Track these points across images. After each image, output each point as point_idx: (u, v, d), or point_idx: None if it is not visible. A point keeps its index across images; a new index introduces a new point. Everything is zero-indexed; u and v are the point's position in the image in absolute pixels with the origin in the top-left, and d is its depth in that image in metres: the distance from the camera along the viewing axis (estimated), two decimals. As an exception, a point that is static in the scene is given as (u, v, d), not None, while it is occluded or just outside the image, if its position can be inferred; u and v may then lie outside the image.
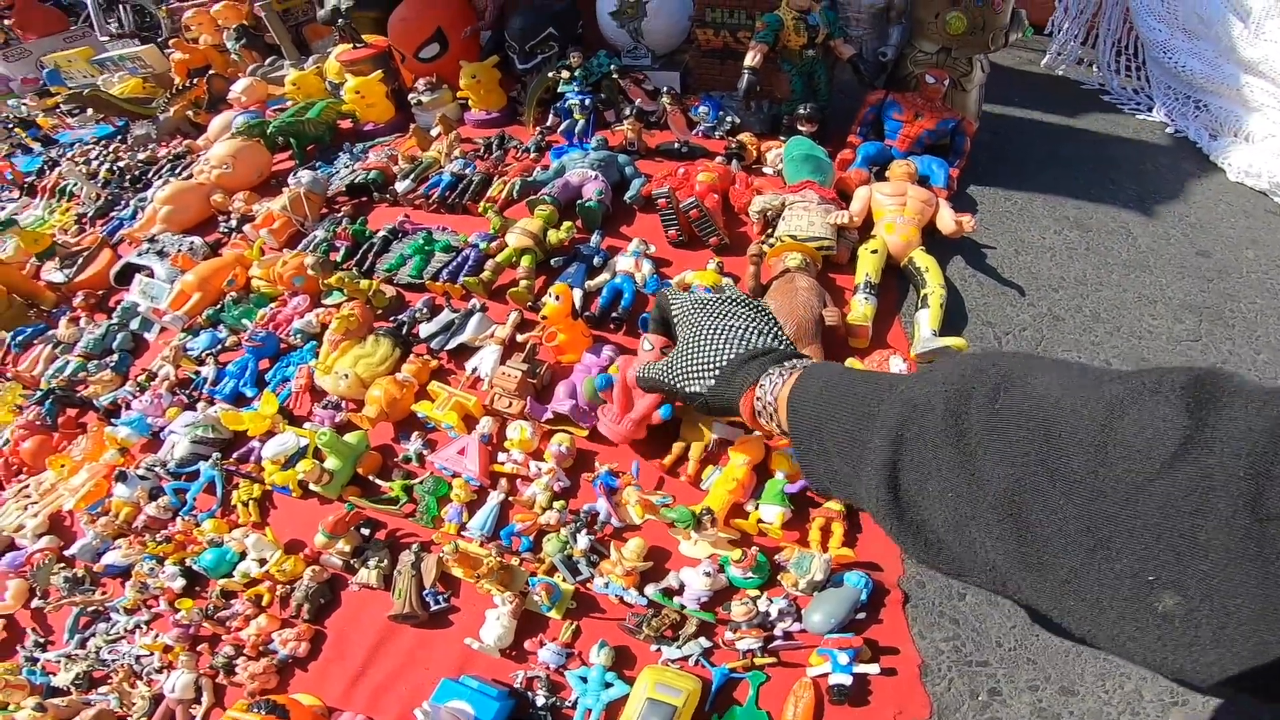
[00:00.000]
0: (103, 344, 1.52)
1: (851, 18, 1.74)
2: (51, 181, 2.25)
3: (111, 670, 1.01)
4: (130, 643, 1.04)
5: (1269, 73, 2.08)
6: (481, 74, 1.79)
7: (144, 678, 0.99)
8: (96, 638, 1.05)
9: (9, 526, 1.22)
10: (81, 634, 1.07)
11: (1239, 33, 2.17)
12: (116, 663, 1.02)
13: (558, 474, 1.02)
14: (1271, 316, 1.29)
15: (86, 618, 1.09)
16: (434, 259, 1.36)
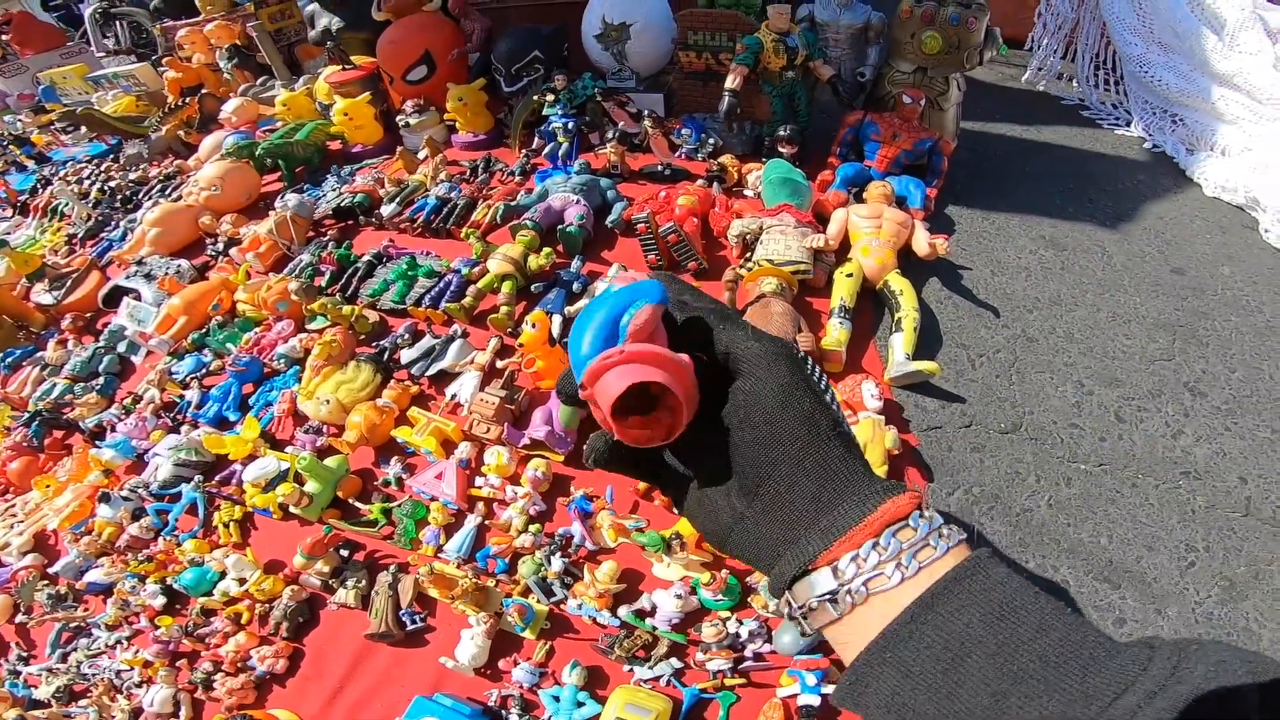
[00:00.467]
0: (89, 367, 1.53)
1: (830, 39, 1.77)
2: (44, 200, 2.27)
3: (92, 684, 1.03)
4: (111, 658, 1.06)
5: (1243, 85, 2.11)
6: (468, 97, 1.81)
7: (124, 692, 1.01)
8: (77, 653, 1.07)
9: None
10: (63, 649, 1.09)
11: (1213, 46, 2.20)
12: (97, 677, 1.04)
13: (534, 498, 1.03)
14: (1247, 334, 1.30)
15: (68, 633, 1.11)
16: (417, 284, 1.37)
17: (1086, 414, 1.14)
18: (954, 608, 0.26)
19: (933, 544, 0.28)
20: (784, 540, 0.30)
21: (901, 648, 0.26)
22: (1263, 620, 0.90)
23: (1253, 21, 2.24)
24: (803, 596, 0.29)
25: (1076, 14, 2.43)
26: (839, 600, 0.28)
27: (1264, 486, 1.04)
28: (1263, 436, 1.11)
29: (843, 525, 0.29)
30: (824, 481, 0.29)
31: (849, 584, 0.28)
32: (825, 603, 0.28)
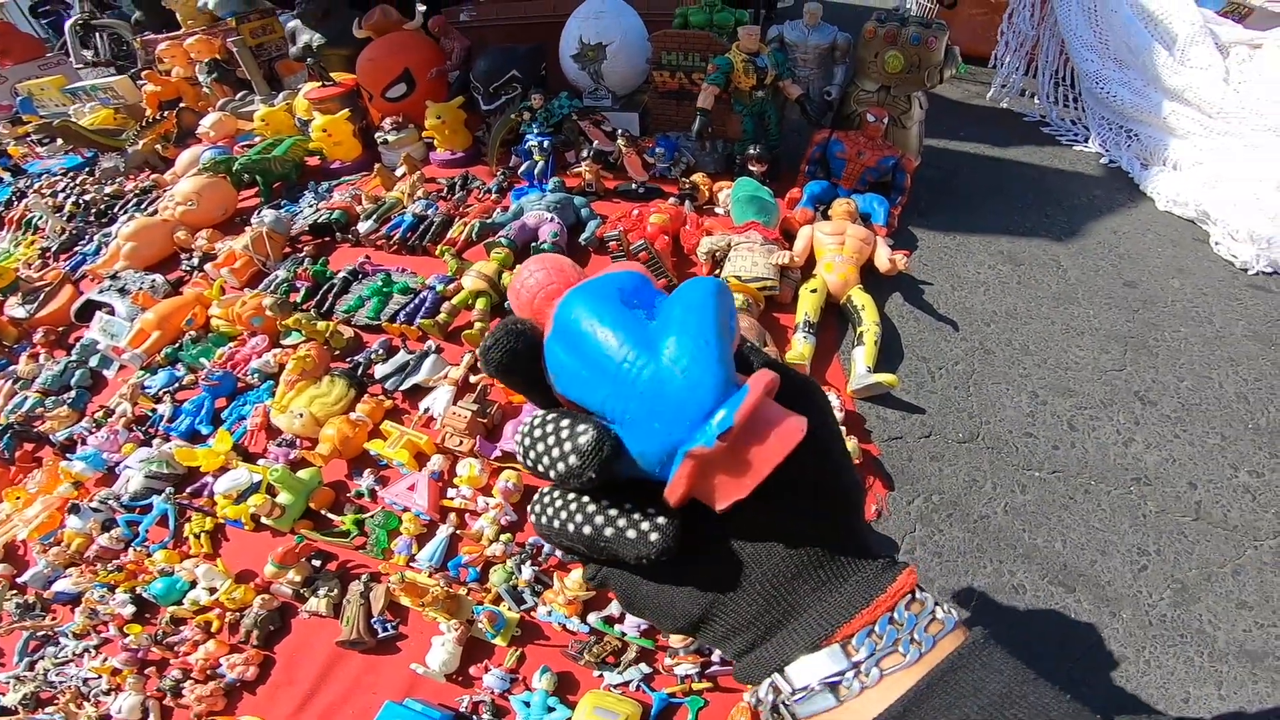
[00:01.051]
0: (61, 380, 1.53)
1: (799, 59, 1.82)
2: (18, 213, 2.25)
3: (59, 691, 1.03)
4: (78, 665, 1.05)
5: (1194, 100, 2.19)
6: (447, 114, 1.84)
7: (91, 699, 1.01)
8: (45, 660, 1.07)
9: None
10: (30, 657, 1.09)
11: (1164, 61, 2.29)
12: (64, 684, 1.03)
13: (505, 508, 1.05)
14: (1196, 344, 1.36)
15: (36, 641, 1.11)
16: (392, 301, 1.39)
17: (1041, 423, 1.19)
18: (954, 697, 0.23)
19: (940, 617, 0.25)
20: (783, 615, 0.26)
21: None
22: (1216, 622, 0.93)
23: (1203, 36, 2.33)
24: (803, 678, 0.25)
25: (1037, 31, 2.51)
26: (845, 684, 0.24)
27: (1213, 491, 1.08)
28: (1212, 443, 1.16)
29: (860, 597, 0.25)
30: (840, 550, 0.26)
31: (862, 663, 0.24)
32: (825, 689, 0.25)
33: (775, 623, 0.26)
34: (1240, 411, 1.21)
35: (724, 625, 0.27)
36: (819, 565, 0.25)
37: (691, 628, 0.27)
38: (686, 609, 0.27)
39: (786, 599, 0.25)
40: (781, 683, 0.26)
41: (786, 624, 0.26)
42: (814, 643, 0.25)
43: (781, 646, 0.26)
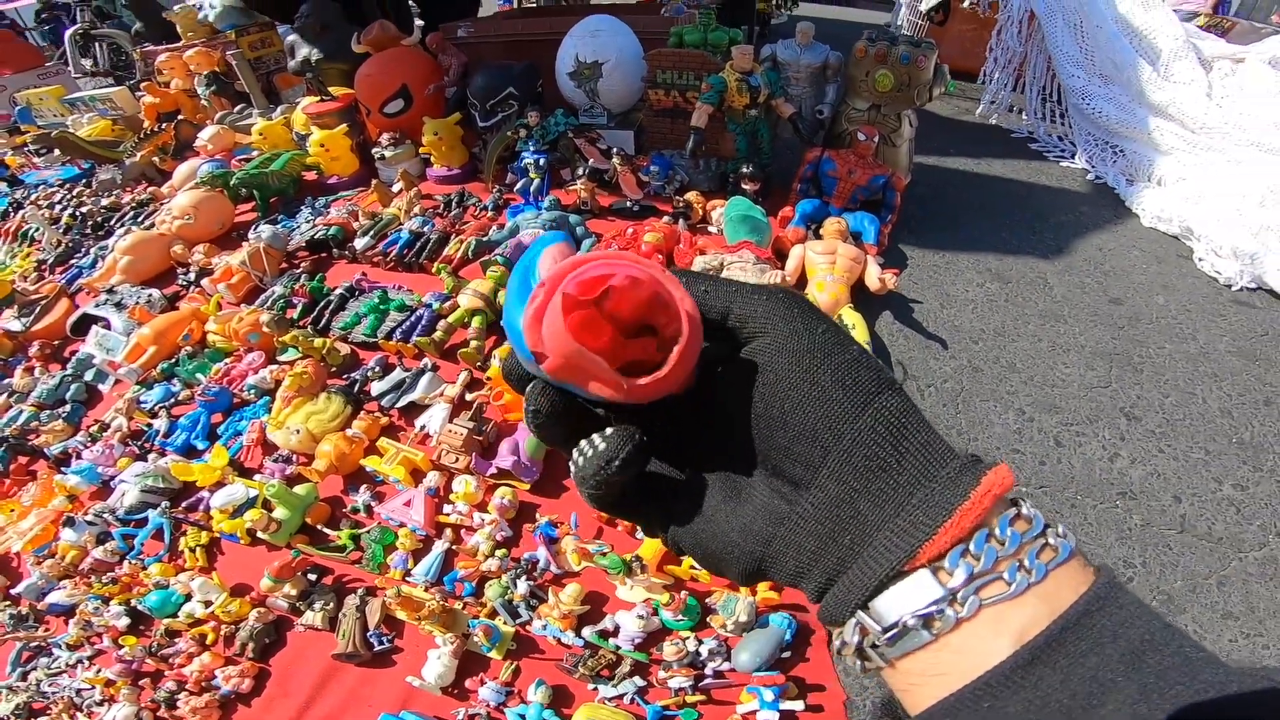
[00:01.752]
0: (56, 394, 1.53)
1: (792, 77, 1.85)
2: (14, 225, 2.25)
3: (51, 702, 1.02)
4: (71, 676, 1.05)
5: (1177, 115, 2.23)
6: (443, 131, 1.86)
7: (84, 710, 1.01)
8: (38, 671, 1.07)
9: None
10: (23, 668, 1.09)
11: (1148, 76, 2.34)
12: (57, 695, 1.03)
13: (500, 524, 1.06)
14: (1180, 360, 1.39)
15: (29, 652, 1.11)
16: (388, 318, 1.40)
17: (1027, 439, 1.21)
18: (1090, 644, 0.19)
19: (1052, 542, 0.21)
20: (854, 540, 0.22)
21: (1015, 693, 0.19)
22: (1201, 634, 0.95)
23: (1186, 51, 2.38)
24: (892, 612, 0.21)
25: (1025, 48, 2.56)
26: (941, 618, 0.21)
27: (1197, 504, 1.10)
28: (1196, 457, 1.18)
29: (940, 506, 0.21)
30: (897, 452, 0.22)
31: (958, 590, 0.20)
32: (919, 624, 0.21)
33: (847, 551, 0.22)
34: (1224, 426, 1.24)
35: (790, 563, 0.24)
36: (878, 472, 0.22)
37: (758, 571, 0.25)
38: (747, 550, 0.24)
39: (851, 521, 0.22)
40: (868, 621, 0.22)
41: (860, 551, 0.22)
42: (894, 568, 0.21)
43: (859, 578, 0.22)
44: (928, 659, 0.21)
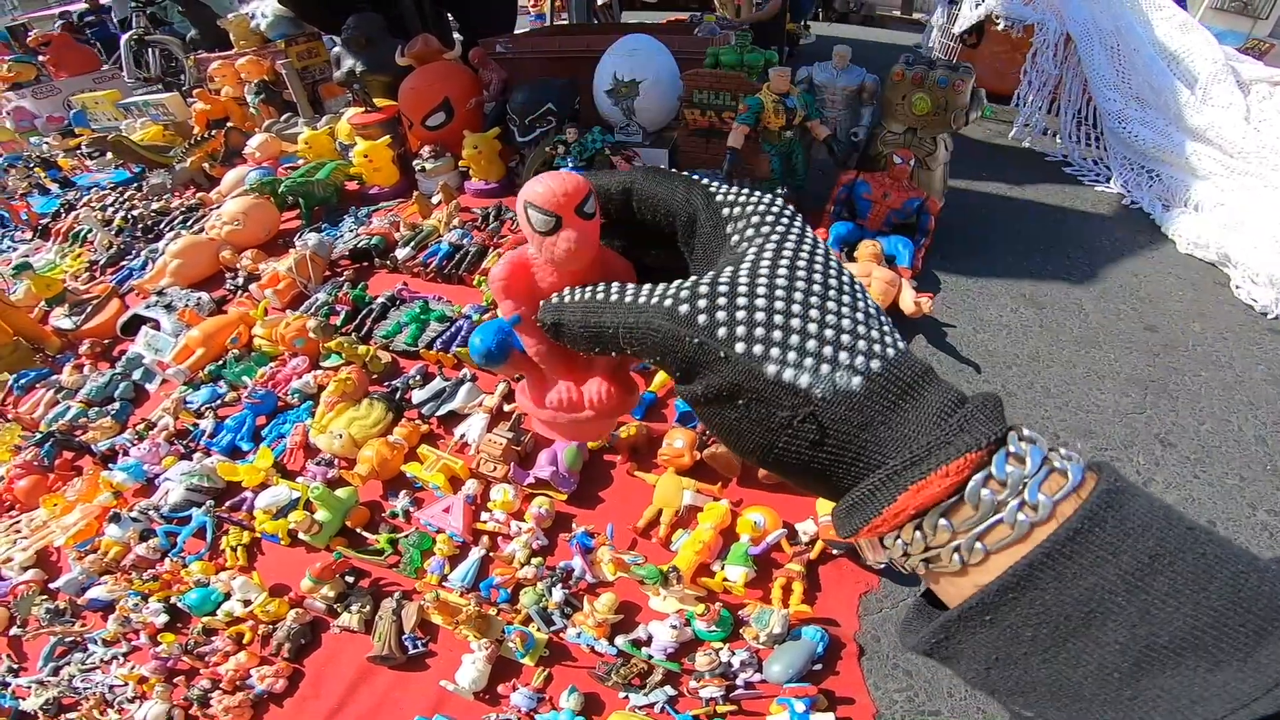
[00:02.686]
0: (105, 392, 1.58)
1: (827, 100, 1.88)
2: (66, 225, 2.34)
3: (83, 698, 1.05)
4: (105, 672, 1.07)
5: (1215, 139, 2.20)
6: (483, 145, 1.90)
7: (115, 706, 1.03)
8: (70, 666, 1.09)
9: None
10: (56, 662, 1.11)
11: (1186, 100, 2.31)
12: (88, 691, 1.05)
13: (537, 533, 1.09)
14: (1216, 388, 1.37)
15: (63, 647, 1.14)
16: (429, 328, 1.43)
17: (1061, 465, 1.20)
18: (1084, 564, 0.19)
19: (1007, 520, 0.20)
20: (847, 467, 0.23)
21: (1015, 605, 0.20)
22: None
23: (1224, 74, 2.35)
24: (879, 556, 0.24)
25: (1060, 71, 2.55)
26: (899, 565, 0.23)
27: (1232, 529, 1.09)
28: (1230, 484, 1.17)
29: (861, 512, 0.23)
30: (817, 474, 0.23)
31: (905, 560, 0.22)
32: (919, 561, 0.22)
33: (826, 495, 0.24)
34: (1259, 454, 1.22)
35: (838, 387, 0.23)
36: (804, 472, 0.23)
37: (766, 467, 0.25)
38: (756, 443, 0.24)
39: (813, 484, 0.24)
40: (863, 549, 0.24)
41: (835, 498, 0.24)
42: (847, 534, 0.23)
43: (848, 516, 0.23)
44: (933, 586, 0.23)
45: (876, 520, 0.22)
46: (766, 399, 0.22)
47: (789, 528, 1.06)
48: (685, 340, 0.23)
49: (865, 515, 0.22)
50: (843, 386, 0.22)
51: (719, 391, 0.23)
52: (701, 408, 0.24)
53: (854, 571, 1.02)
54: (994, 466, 0.21)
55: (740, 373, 0.22)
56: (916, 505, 0.21)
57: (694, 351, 0.23)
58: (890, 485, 0.21)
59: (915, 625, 0.24)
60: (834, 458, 0.22)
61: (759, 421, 0.23)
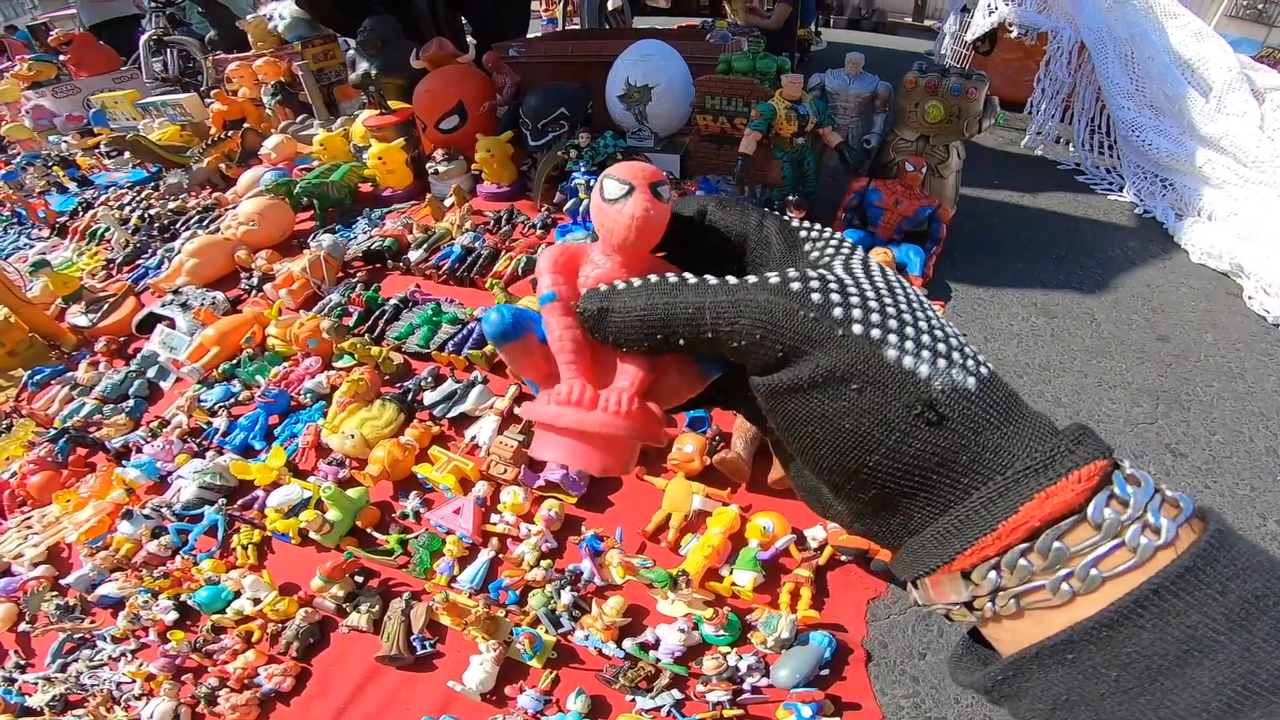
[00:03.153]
0: (119, 389, 1.59)
1: (840, 107, 1.88)
2: (84, 224, 2.37)
3: (89, 695, 1.05)
4: (112, 669, 1.08)
5: (1229, 148, 2.18)
6: (496, 148, 1.92)
7: (122, 704, 1.03)
8: (78, 663, 1.10)
9: (8, 553, 1.28)
10: (64, 659, 1.12)
11: (1200, 108, 2.30)
12: (96, 688, 1.05)
13: (546, 535, 1.09)
14: (1228, 399, 1.36)
15: (71, 644, 1.14)
16: (441, 330, 1.44)
17: (1072, 475, 1.20)
18: (1189, 601, 0.18)
19: (1130, 543, 0.19)
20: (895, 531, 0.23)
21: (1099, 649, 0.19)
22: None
23: (1239, 82, 2.34)
24: (935, 595, 0.22)
25: (1074, 79, 2.54)
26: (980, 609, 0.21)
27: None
28: (1241, 494, 1.16)
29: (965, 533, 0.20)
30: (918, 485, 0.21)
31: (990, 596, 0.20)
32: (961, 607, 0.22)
33: (889, 538, 0.23)
34: (1270, 464, 1.22)
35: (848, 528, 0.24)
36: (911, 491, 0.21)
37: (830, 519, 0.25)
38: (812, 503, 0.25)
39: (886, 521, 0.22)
40: (915, 594, 0.23)
41: (902, 542, 0.22)
42: (928, 569, 0.22)
43: (902, 564, 0.23)
44: (991, 629, 0.21)
45: (986, 540, 0.20)
46: (884, 384, 0.20)
47: (798, 533, 1.06)
48: (798, 315, 0.21)
49: (970, 535, 0.20)
50: (960, 384, 0.20)
51: (829, 375, 0.20)
52: (791, 398, 0.21)
53: (862, 578, 1.02)
54: (1115, 485, 0.19)
55: (858, 355, 0.20)
56: (1043, 516, 0.19)
57: (807, 328, 0.21)
58: (1010, 494, 0.19)
59: (968, 662, 0.23)
60: (944, 463, 0.20)
61: (871, 412, 0.20)
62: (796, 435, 0.22)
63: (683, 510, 1.08)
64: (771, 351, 0.21)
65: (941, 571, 0.21)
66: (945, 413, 0.20)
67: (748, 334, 0.21)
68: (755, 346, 0.21)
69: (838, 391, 0.20)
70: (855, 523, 0.24)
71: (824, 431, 0.21)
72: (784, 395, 0.21)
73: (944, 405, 0.20)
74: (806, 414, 0.21)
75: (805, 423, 0.21)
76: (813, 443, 0.21)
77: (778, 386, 0.21)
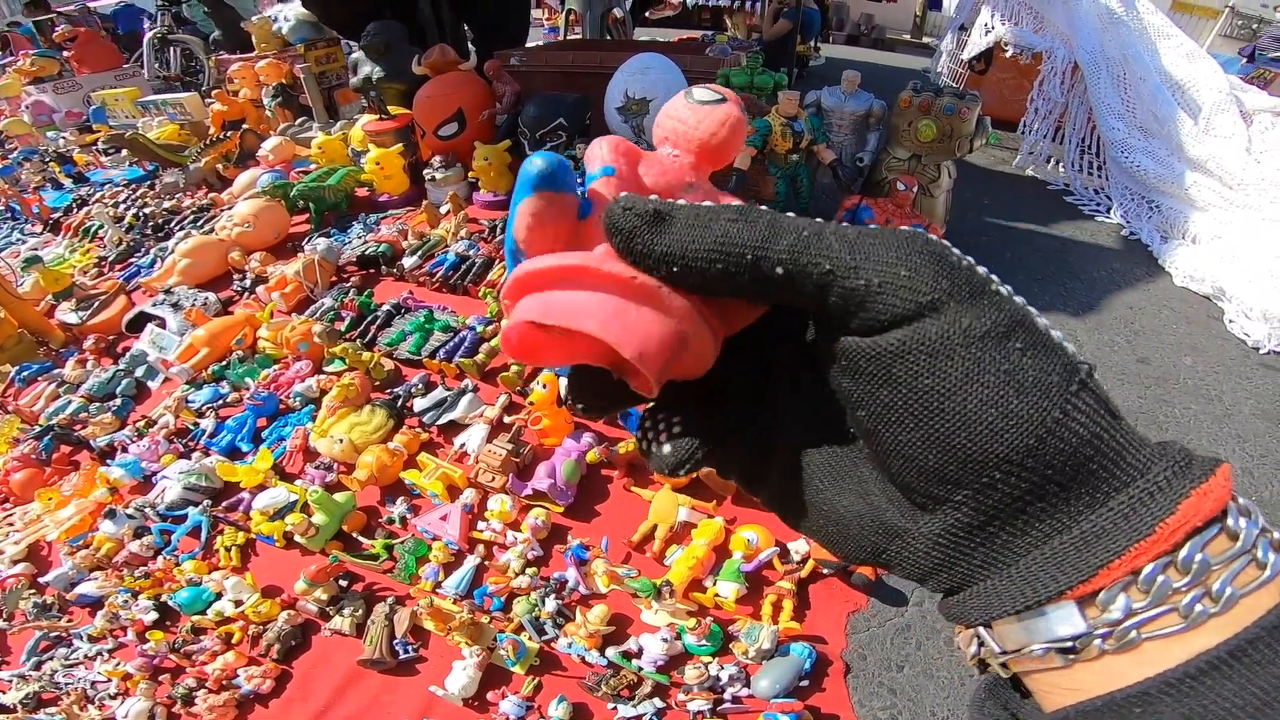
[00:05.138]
0: (107, 388, 1.58)
1: (835, 124, 1.90)
2: (77, 220, 2.36)
3: (64, 693, 1.04)
4: (88, 668, 1.07)
5: (1216, 170, 2.22)
6: (493, 157, 1.93)
7: (96, 703, 1.02)
8: (54, 661, 1.09)
9: None
10: (39, 657, 1.11)
11: (1188, 130, 2.34)
12: (70, 686, 1.05)
13: (532, 544, 1.10)
14: (1205, 421, 1.39)
15: (47, 642, 1.13)
16: (433, 338, 1.45)
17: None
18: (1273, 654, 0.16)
19: (1260, 556, 0.17)
20: (985, 561, 0.19)
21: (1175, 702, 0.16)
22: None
23: (1228, 104, 2.38)
24: (1015, 640, 0.18)
25: (1067, 99, 2.59)
26: (1082, 648, 0.17)
27: None
28: (1216, 514, 1.19)
29: (1112, 540, 0.17)
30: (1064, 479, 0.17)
31: (1116, 625, 0.17)
32: (1053, 652, 0.18)
33: (976, 569, 0.19)
34: (1244, 486, 1.25)
35: (909, 569, 0.20)
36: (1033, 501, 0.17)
37: (875, 561, 0.21)
38: (862, 544, 0.21)
39: (983, 546, 0.18)
40: (989, 640, 0.19)
41: (991, 572, 0.19)
42: (1032, 601, 0.18)
43: (981, 602, 0.19)
44: (1058, 676, 0.18)
45: (1141, 546, 0.16)
46: (1048, 348, 0.17)
47: (781, 546, 1.07)
48: (951, 260, 0.17)
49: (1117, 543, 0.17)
50: (1088, 365, 0.17)
51: (987, 333, 0.17)
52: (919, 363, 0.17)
53: (843, 591, 1.04)
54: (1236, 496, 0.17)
55: (1015, 315, 0.17)
56: (1203, 516, 0.16)
57: (961, 276, 0.17)
58: (1166, 493, 0.16)
59: (990, 709, 0.20)
60: (1099, 452, 0.17)
61: (1031, 384, 0.16)
62: (918, 417, 0.17)
63: (668, 521, 1.09)
64: (913, 296, 0.17)
65: (1058, 600, 0.17)
66: (1097, 394, 0.17)
67: (887, 270, 0.17)
68: (891, 289, 0.17)
69: (996, 355, 0.17)
70: (935, 553, 0.19)
71: (965, 406, 0.17)
72: (914, 360, 0.17)
73: (1093, 386, 0.17)
74: (944, 384, 0.17)
75: (939, 397, 0.17)
76: (945, 425, 0.17)
77: (907, 347, 0.17)
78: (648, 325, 0.18)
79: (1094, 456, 0.17)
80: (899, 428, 0.18)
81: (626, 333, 0.18)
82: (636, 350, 0.18)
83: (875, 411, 0.18)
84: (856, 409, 0.19)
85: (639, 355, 0.18)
